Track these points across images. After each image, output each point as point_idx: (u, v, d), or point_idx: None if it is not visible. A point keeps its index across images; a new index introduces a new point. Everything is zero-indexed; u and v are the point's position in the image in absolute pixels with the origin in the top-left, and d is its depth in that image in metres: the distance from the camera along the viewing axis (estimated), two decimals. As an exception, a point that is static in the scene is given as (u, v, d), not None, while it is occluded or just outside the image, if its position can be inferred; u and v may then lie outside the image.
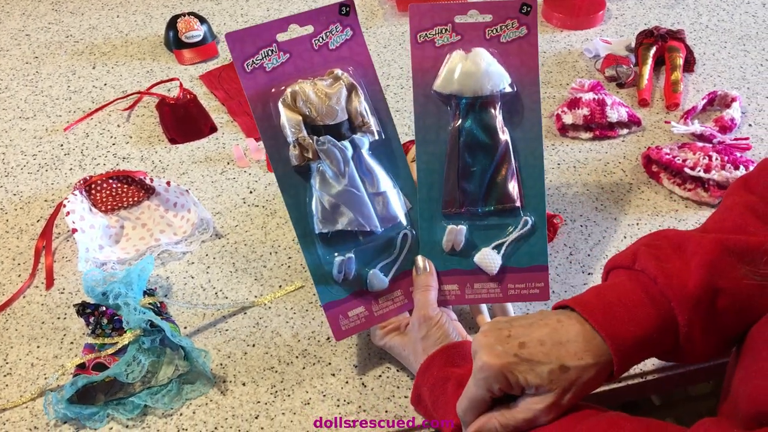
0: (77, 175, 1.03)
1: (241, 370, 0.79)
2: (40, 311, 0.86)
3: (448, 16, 0.76)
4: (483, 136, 0.76)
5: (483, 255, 0.76)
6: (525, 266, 0.76)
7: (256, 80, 0.74)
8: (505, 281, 0.76)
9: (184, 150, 1.07)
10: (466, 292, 0.77)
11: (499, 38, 0.76)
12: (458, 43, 0.76)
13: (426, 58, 0.76)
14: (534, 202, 0.77)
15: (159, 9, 1.38)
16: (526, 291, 0.76)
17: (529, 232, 0.77)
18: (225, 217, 0.97)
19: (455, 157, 0.76)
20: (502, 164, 0.76)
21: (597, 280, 0.87)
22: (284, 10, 1.37)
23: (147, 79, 1.21)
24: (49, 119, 1.13)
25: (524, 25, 0.76)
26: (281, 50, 0.74)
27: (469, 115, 0.76)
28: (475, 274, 0.77)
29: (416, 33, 0.76)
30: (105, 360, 0.78)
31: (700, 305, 0.57)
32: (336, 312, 0.75)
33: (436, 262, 0.77)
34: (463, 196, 0.76)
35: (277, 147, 0.74)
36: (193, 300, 0.87)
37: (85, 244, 0.88)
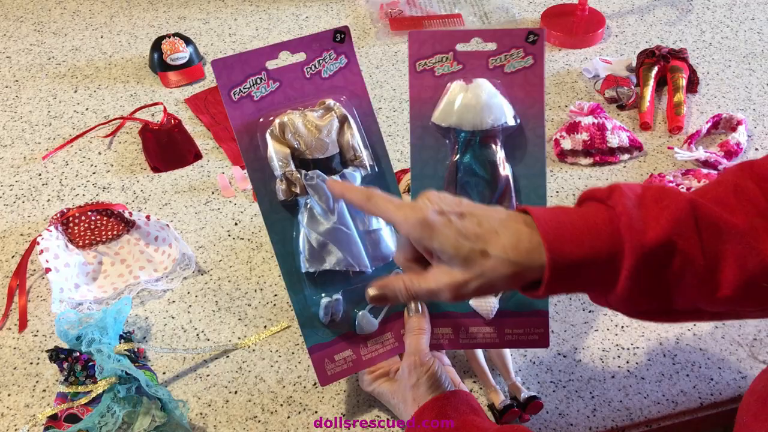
0: (55, 206, 0.99)
1: (222, 419, 0.75)
2: (12, 356, 0.82)
3: (449, 43, 0.71)
4: (482, 171, 0.71)
5: (479, 298, 0.72)
6: (524, 311, 0.72)
7: (242, 110, 0.69)
8: (503, 326, 0.72)
9: (167, 178, 1.03)
10: (461, 336, 0.72)
11: (503, 68, 0.71)
12: (459, 73, 0.71)
13: (425, 88, 0.71)
14: None
15: (144, 29, 1.34)
16: (525, 337, 0.72)
17: None
18: (208, 251, 0.93)
19: (452, 193, 0.72)
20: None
21: (598, 318, 0.83)
22: (273, 29, 1.33)
23: (130, 103, 1.17)
24: (28, 147, 1.09)
25: (530, 55, 0.71)
26: (270, 78, 0.69)
27: (468, 150, 0.71)
28: (470, 317, 0.72)
29: (415, 61, 0.71)
30: (78, 410, 0.74)
31: (651, 257, 0.52)
32: (322, 355, 0.71)
33: (430, 303, 0.72)
34: None
35: (264, 180, 0.70)
36: (173, 342, 0.82)
37: (59, 284, 0.84)
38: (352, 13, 1.36)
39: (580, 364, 0.79)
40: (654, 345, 0.80)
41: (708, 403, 0.75)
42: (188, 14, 1.38)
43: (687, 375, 0.77)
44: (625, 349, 0.80)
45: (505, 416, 0.72)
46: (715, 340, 0.80)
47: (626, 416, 0.74)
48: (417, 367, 0.68)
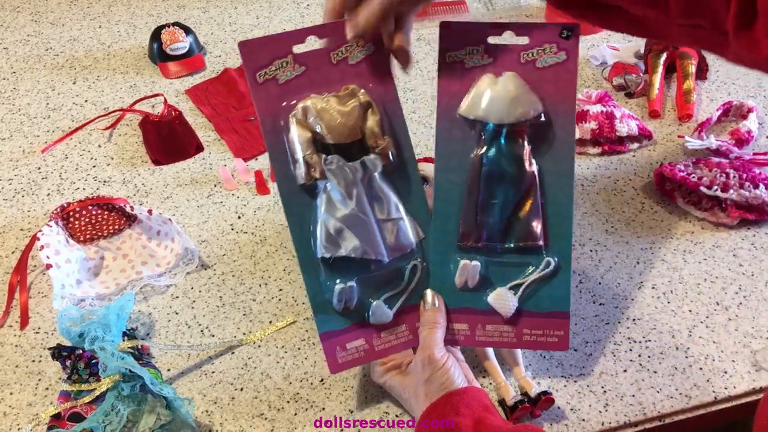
0: (55, 200, 0.97)
1: (228, 417, 0.74)
2: (13, 353, 0.80)
3: (481, 36, 0.69)
4: (508, 166, 0.69)
5: (498, 295, 0.70)
6: (544, 311, 0.70)
7: (267, 92, 0.67)
8: (521, 325, 0.70)
9: (169, 171, 1.01)
10: (477, 333, 0.71)
11: (534, 63, 0.69)
12: (489, 66, 0.69)
13: (453, 80, 0.69)
14: (559, 242, 0.70)
15: (143, 18, 1.32)
16: (543, 338, 0.70)
17: (551, 275, 0.70)
18: (212, 246, 0.91)
19: (476, 187, 0.70)
20: (527, 198, 0.70)
21: (609, 310, 0.82)
22: (274, 17, 1.31)
23: (130, 94, 1.15)
24: (27, 140, 1.07)
25: (563, 51, 0.69)
26: (297, 62, 0.67)
27: (494, 143, 0.69)
28: (488, 314, 0.70)
29: (445, 53, 0.69)
30: (81, 409, 0.73)
31: None
32: (333, 343, 0.69)
33: (447, 298, 0.70)
34: (481, 229, 0.70)
35: (284, 164, 0.68)
36: (178, 339, 0.81)
37: (60, 280, 0.82)
38: (354, 0, 1.34)
39: (591, 358, 0.77)
40: (666, 338, 0.79)
41: (722, 397, 0.74)
42: (187, 3, 1.36)
43: (700, 368, 0.76)
44: (637, 343, 0.78)
45: (516, 412, 0.70)
46: (729, 332, 0.79)
47: (639, 411, 0.73)
48: (431, 362, 0.67)
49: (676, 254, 0.87)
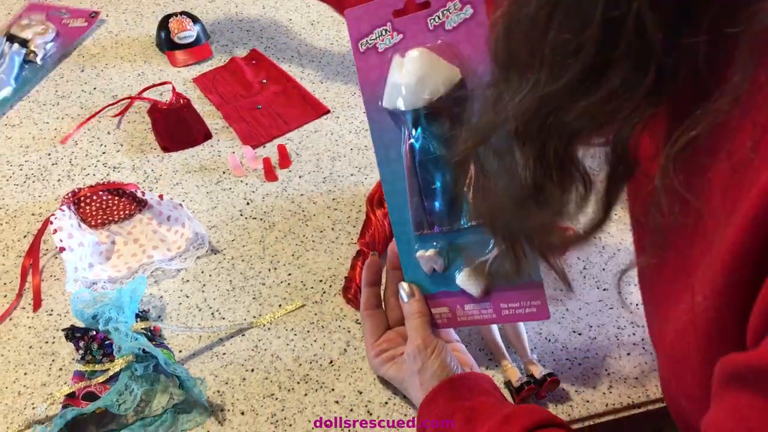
0: (66, 186, 0.98)
1: (239, 397, 0.75)
2: (27, 335, 0.82)
3: (384, 14, 0.66)
4: (436, 148, 0.67)
5: (464, 276, 0.70)
6: (516, 284, 0.69)
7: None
8: (497, 301, 0.70)
9: (178, 158, 1.03)
10: (458, 314, 0.72)
11: (443, 26, 0.65)
12: (401, 43, 0.66)
13: (372, 68, 0.68)
14: None
15: (150, 7, 1.33)
16: (522, 310, 0.70)
17: None
18: (221, 231, 0.92)
19: (414, 176, 0.69)
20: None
21: (613, 295, 0.83)
22: (280, 7, 1.32)
23: (138, 82, 1.16)
24: (36, 126, 1.08)
25: (468, 4, 0.64)
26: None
27: (418, 128, 0.68)
28: (463, 295, 0.71)
29: (357, 41, 0.67)
30: (96, 389, 0.74)
31: None
32: None
33: (423, 286, 0.72)
34: (430, 216, 0.70)
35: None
36: (189, 321, 0.82)
37: (73, 263, 0.83)
38: (359, -9, 1.35)
39: (595, 342, 0.79)
40: (669, 323, 0.80)
41: (723, 379, 0.75)
42: (194, -7, 1.37)
43: (702, 352, 0.77)
44: (640, 327, 0.80)
45: (522, 393, 0.72)
46: (730, 317, 0.80)
47: (642, 393, 0.74)
48: (421, 351, 0.68)
49: (678, 241, 0.89)
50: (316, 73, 1.17)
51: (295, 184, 0.98)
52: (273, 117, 1.08)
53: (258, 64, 1.19)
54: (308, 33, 1.26)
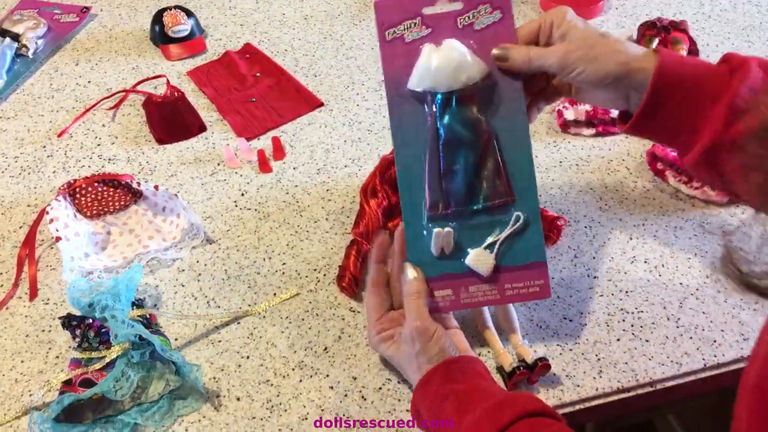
0: (61, 178, 0.99)
1: (235, 383, 0.76)
2: (23, 324, 0.82)
3: (415, 8, 0.71)
4: (463, 131, 0.71)
5: (475, 256, 0.72)
6: (521, 264, 0.72)
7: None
8: (501, 281, 0.72)
9: (173, 150, 1.03)
10: (462, 296, 0.73)
11: (472, 26, 0.71)
12: (429, 37, 0.71)
13: (397, 56, 0.72)
14: (525, 196, 0.72)
15: (144, 2, 1.33)
16: (525, 290, 0.73)
17: (522, 228, 0.72)
18: (216, 222, 0.93)
19: (436, 156, 0.72)
20: (487, 159, 0.72)
21: (603, 283, 0.84)
22: (274, 2, 1.33)
23: (132, 75, 1.17)
24: (31, 119, 1.09)
25: (497, 9, 0.71)
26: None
27: (447, 111, 0.71)
28: (468, 276, 0.73)
29: (384, 30, 0.72)
30: (92, 375, 0.75)
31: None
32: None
33: (427, 268, 0.73)
34: (448, 196, 0.72)
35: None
36: (184, 310, 0.83)
37: (69, 252, 0.84)
38: (352, -14, 1.36)
39: (585, 328, 0.80)
40: (658, 309, 0.81)
41: (711, 364, 0.77)
42: (188, -13, 1.37)
43: (690, 337, 0.79)
44: (630, 314, 0.81)
45: (514, 378, 0.73)
46: (718, 303, 0.82)
47: (632, 377, 0.75)
48: (420, 334, 0.68)
49: (667, 230, 0.90)
50: (310, 66, 1.18)
51: (289, 176, 0.99)
52: (267, 110, 1.09)
53: (252, 58, 1.19)
54: (302, 27, 1.27)
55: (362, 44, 1.22)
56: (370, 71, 1.16)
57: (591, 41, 0.67)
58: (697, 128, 0.66)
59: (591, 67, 0.67)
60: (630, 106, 0.70)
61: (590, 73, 0.67)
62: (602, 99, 0.72)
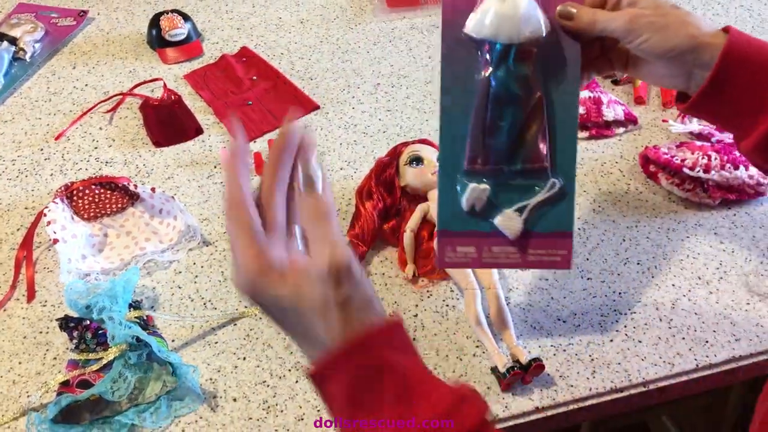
0: (58, 180, 1.00)
1: (231, 384, 0.77)
2: (21, 325, 0.83)
3: None
4: (515, 87, 0.68)
5: (505, 217, 0.69)
6: (548, 231, 0.69)
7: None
8: (526, 246, 0.70)
9: (169, 153, 1.04)
10: (483, 255, 0.71)
11: None
12: None
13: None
14: (564, 163, 0.69)
15: (141, 6, 1.34)
16: (547, 258, 0.70)
17: (557, 196, 0.69)
18: (213, 224, 0.94)
19: (483, 109, 0.68)
20: (534, 120, 0.68)
21: (596, 285, 0.85)
22: (270, 6, 1.34)
23: (129, 79, 1.17)
24: (29, 122, 1.09)
25: None
26: None
27: (503, 64, 0.68)
28: (494, 236, 0.70)
29: None
30: (90, 377, 0.75)
31: None
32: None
33: (454, 221, 0.70)
34: (488, 152, 0.69)
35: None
36: (181, 311, 0.84)
37: (67, 254, 0.85)
38: (348, -10, 1.37)
39: (579, 329, 0.81)
40: (651, 310, 0.82)
41: (703, 364, 0.77)
42: (184, -9, 1.38)
43: (683, 338, 0.80)
44: (623, 315, 0.82)
45: (508, 378, 0.74)
46: (710, 304, 0.83)
47: (625, 378, 0.76)
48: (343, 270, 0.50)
49: (660, 232, 0.91)
50: (306, 69, 1.19)
51: (285, 178, 1.00)
52: (263, 113, 1.10)
53: (248, 61, 1.20)
54: (298, 31, 1.28)
55: (358, 48, 1.23)
56: (365, 74, 1.17)
57: (662, 10, 0.65)
58: (760, 113, 0.63)
59: (658, 36, 0.64)
60: (690, 87, 0.68)
61: (656, 43, 0.64)
62: (661, 75, 0.69)
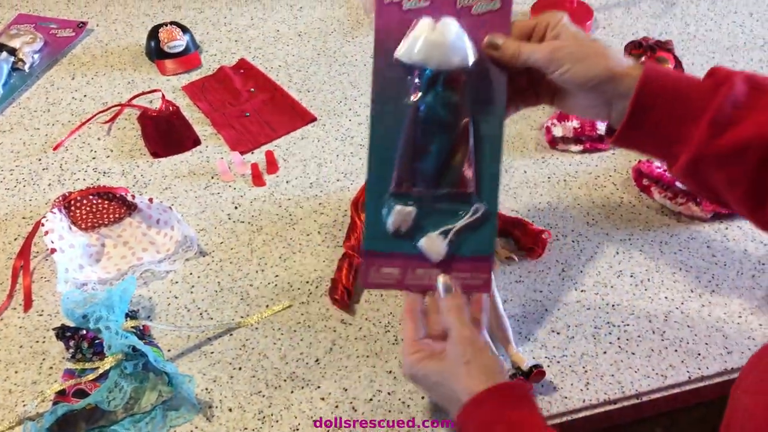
0: (56, 191, 1.00)
1: (227, 394, 0.77)
2: (18, 334, 0.83)
3: None
4: (444, 113, 0.70)
5: (429, 240, 0.70)
6: (469, 255, 0.71)
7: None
8: (449, 269, 0.71)
9: (167, 164, 1.05)
10: (407, 276, 0.72)
11: (470, 9, 0.70)
12: (427, 9, 0.69)
13: (392, 22, 0.70)
14: (488, 189, 0.71)
15: (140, 18, 1.35)
16: (469, 281, 0.71)
17: (480, 221, 0.71)
18: (210, 234, 0.94)
19: (411, 133, 0.70)
20: (460, 146, 0.70)
21: (590, 297, 0.86)
22: (268, 19, 1.35)
23: (128, 90, 1.18)
24: (27, 132, 1.10)
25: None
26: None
27: (432, 90, 0.70)
28: (418, 258, 0.71)
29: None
30: (86, 386, 0.76)
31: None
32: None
33: (379, 242, 0.71)
34: (415, 175, 0.70)
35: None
36: (177, 321, 0.84)
37: (64, 264, 0.85)
38: (345, 3, 1.38)
39: (573, 341, 0.82)
40: (644, 322, 0.83)
41: (696, 377, 0.78)
42: (183, 3, 1.39)
43: (675, 350, 0.80)
44: (616, 327, 0.83)
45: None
46: (702, 317, 0.83)
47: (618, 389, 0.77)
48: (471, 342, 0.66)
49: (653, 245, 0.92)
50: (303, 81, 1.20)
51: (282, 189, 1.01)
52: (261, 124, 1.11)
53: (246, 73, 1.21)
54: (295, 43, 1.29)
55: (355, 60, 1.24)
56: (362, 87, 1.18)
57: (581, 42, 0.68)
58: (682, 141, 0.66)
59: (578, 66, 0.67)
60: (612, 118, 0.71)
61: (576, 73, 0.67)
62: (584, 106, 0.72)
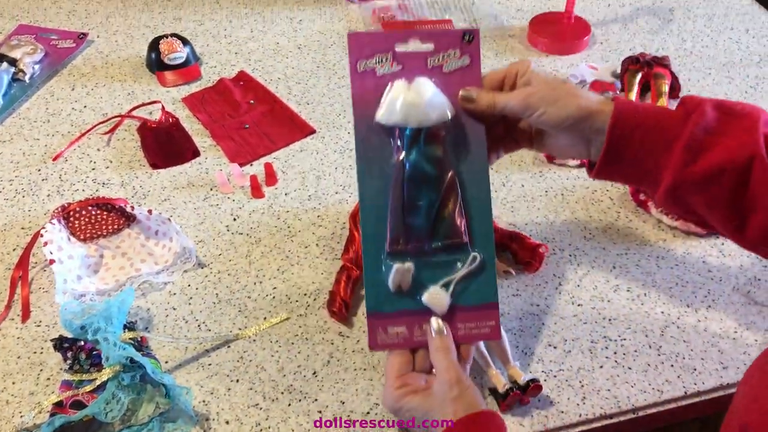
0: (55, 201, 1.00)
1: (224, 407, 0.77)
2: (15, 345, 0.83)
3: (388, 44, 0.73)
4: (429, 168, 0.72)
5: (432, 294, 0.72)
6: (474, 304, 0.73)
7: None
8: (455, 320, 0.73)
9: (166, 175, 1.05)
10: (415, 333, 0.73)
11: (441, 68, 0.74)
12: (399, 73, 0.73)
13: (367, 88, 0.73)
14: (482, 238, 0.73)
15: (140, 29, 1.36)
16: (477, 330, 0.73)
17: (478, 269, 0.73)
18: (208, 246, 0.95)
19: (400, 191, 0.73)
20: (449, 198, 0.73)
21: (586, 311, 0.86)
22: (268, 31, 1.36)
23: (128, 101, 1.19)
24: (27, 143, 1.10)
25: (467, 54, 0.74)
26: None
27: (414, 147, 0.72)
28: (423, 314, 0.73)
29: (356, 61, 0.73)
30: (83, 397, 0.76)
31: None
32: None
33: (383, 303, 0.73)
34: (409, 232, 0.72)
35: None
36: (175, 333, 0.84)
37: (62, 275, 0.85)
38: (345, 16, 1.39)
39: (569, 355, 0.82)
40: (640, 337, 0.83)
41: (692, 392, 0.78)
42: (183, 15, 1.40)
43: (671, 365, 0.81)
44: (613, 341, 0.83)
45: (508, 399, 0.74)
46: (698, 332, 0.84)
47: (614, 404, 0.77)
48: (460, 382, 0.68)
49: (649, 260, 0.92)
50: (303, 94, 1.21)
51: (281, 201, 1.01)
52: (260, 136, 1.11)
53: (246, 85, 1.22)
54: (295, 56, 1.30)
55: (354, 74, 1.25)
56: (361, 100, 1.19)
57: (552, 85, 0.71)
58: (659, 169, 0.69)
59: (552, 108, 0.69)
60: (592, 154, 0.73)
61: (551, 114, 0.70)
62: (563, 145, 0.75)
